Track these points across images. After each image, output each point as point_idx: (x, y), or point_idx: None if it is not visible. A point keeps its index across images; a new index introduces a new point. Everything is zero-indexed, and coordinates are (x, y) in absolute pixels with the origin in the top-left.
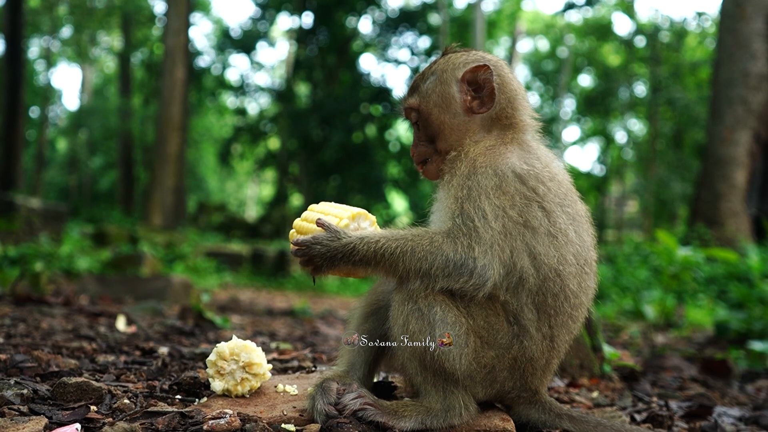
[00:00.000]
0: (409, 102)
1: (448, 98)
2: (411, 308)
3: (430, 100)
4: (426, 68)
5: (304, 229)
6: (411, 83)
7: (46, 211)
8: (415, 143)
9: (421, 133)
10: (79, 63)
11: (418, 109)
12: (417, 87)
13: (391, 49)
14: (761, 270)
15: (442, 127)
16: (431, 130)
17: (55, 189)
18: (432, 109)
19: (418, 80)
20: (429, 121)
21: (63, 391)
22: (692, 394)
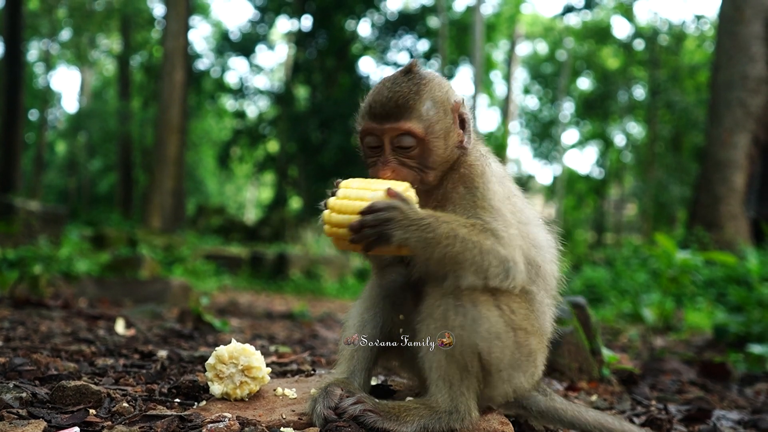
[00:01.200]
0: (409, 126)
1: (449, 131)
2: (452, 303)
3: (437, 132)
4: (409, 86)
5: (346, 208)
6: (397, 100)
7: (45, 214)
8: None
9: (410, 161)
10: (78, 66)
11: (423, 139)
12: (412, 108)
13: (390, 52)
14: (760, 273)
15: (440, 161)
16: (428, 163)
17: (54, 192)
18: (438, 141)
19: (408, 102)
20: (430, 153)
21: (62, 395)
22: (691, 398)
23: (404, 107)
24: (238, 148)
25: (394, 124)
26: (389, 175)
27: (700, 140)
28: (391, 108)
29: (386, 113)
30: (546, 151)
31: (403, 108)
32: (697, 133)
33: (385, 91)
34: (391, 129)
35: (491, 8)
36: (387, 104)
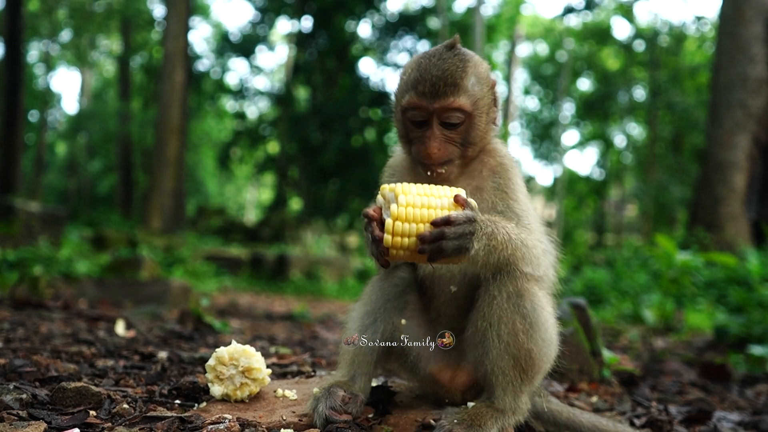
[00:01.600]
0: (459, 102)
1: (490, 106)
2: (516, 307)
3: (480, 106)
4: (455, 62)
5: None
6: (446, 78)
7: (45, 215)
8: (442, 142)
9: (455, 136)
10: (78, 67)
11: (471, 113)
12: (461, 85)
13: (390, 53)
14: (761, 274)
15: (481, 136)
16: (471, 137)
17: (54, 193)
18: (481, 115)
19: (457, 78)
20: (475, 128)
21: (62, 396)
22: (692, 399)
23: (454, 84)
24: (238, 149)
25: (444, 102)
26: (435, 151)
27: (700, 141)
28: (441, 85)
29: (436, 90)
30: (546, 152)
31: (452, 85)
32: (697, 134)
33: (433, 68)
34: (442, 107)
35: (491, 9)
36: (437, 82)
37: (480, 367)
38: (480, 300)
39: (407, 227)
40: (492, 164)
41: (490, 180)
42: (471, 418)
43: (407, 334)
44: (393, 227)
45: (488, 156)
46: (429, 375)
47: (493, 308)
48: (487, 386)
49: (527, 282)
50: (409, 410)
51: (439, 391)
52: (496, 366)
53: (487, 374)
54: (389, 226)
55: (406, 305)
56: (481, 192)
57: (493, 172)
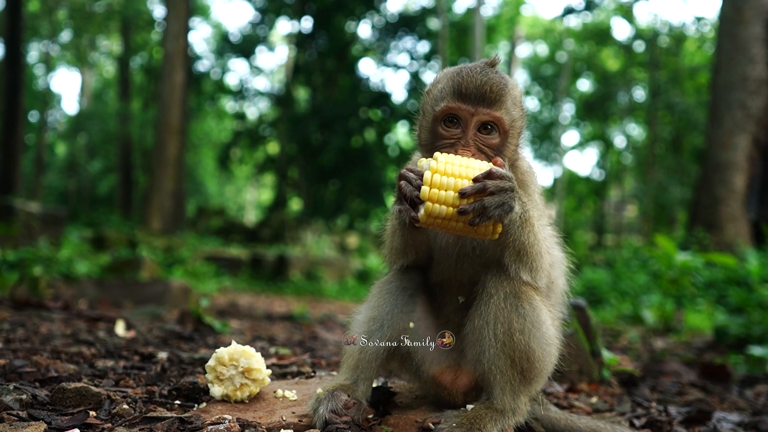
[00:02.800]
0: (499, 115)
1: (521, 128)
2: (513, 306)
3: (515, 127)
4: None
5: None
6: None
7: (45, 216)
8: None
9: (487, 149)
10: (78, 67)
11: (507, 131)
12: (503, 101)
13: (390, 54)
14: (760, 274)
15: (510, 156)
16: (499, 153)
17: (54, 193)
18: (514, 136)
19: (500, 92)
20: (505, 145)
21: (62, 397)
22: (691, 399)
23: (498, 96)
24: (238, 149)
25: (487, 110)
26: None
27: (700, 142)
28: (486, 93)
29: (481, 97)
30: (546, 153)
31: (496, 96)
32: (697, 135)
33: (478, 76)
34: (483, 114)
35: (491, 10)
36: (482, 88)
37: (478, 366)
38: (478, 298)
39: (446, 180)
40: (518, 178)
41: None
42: (470, 420)
43: (414, 337)
44: (432, 179)
45: (513, 172)
46: (431, 377)
47: (490, 306)
48: (486, 386)
49: (525, 285)
50: (408, 411)
51: (440, 393)
52: (493, 365)
53: (485, 373)
54: (428, 177)
55: (414, 308)
56: None
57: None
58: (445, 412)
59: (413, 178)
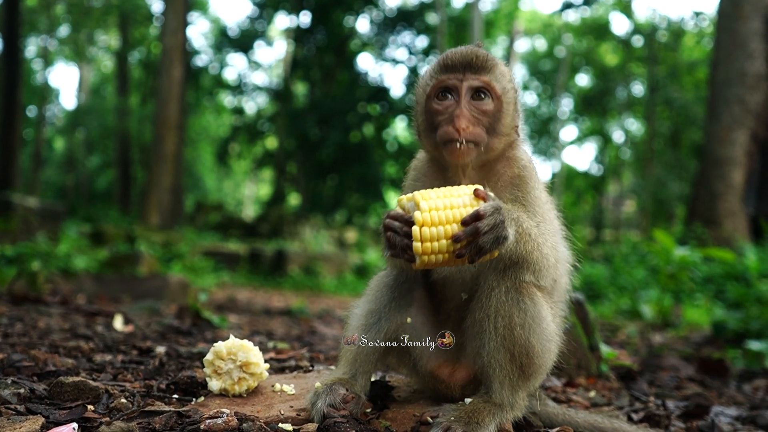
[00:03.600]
0: (489, 79)
1: (515, 104)
2: (515, 301)
3: (508, 98)
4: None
5: (439, 220)
6: (478, 55)
7: (43, 211)
8: (470, 119)
9: (483, 118)
10: (76, 62)
11: (500, 97)
12: (492, 67)
13: (388, 49)
14: (758, 269)
15: (506, 130)
16: (498, 126)
17: (53, 188)
18: (509, 106)
19: (486, 60)
20: (501, 114)
21: (60, 391)
22: (689, 394)
23: (484, 63)
24: (236, 144)
25: (477, 75)
26: (465, 126)
27: (698, 137)
28: (472, 60)
29: (468, 64)
30: (544, 148)
31: (483, 63)
32: (695, 130)
33: (464, 49)
34: (472, 79)
35: (490, 4)
36: (468, 56)
37: (477, 359)
38: (479, 291)
39: (435, 231)
40: (510, 175)
41: (508, 192)
42: (468, 414)
43: (411, 332)
44: (421, 233)
45: (508, 165)
46: (429, 371)
47: (491, 300)
48: (485, 380)
49: (526, 281)
50: (406, 405)
51: (438, 387)
52: (492, 359)
53: (484, 367)
54: (416, 233)
55: (411, 302)
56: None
57: (512, 184)
58: (443, 405)
59: (399, 227)
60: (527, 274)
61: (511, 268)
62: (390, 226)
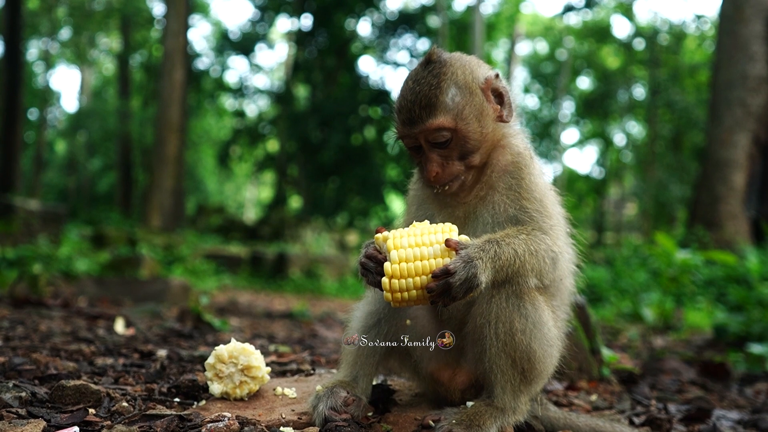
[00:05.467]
0: (437, 123)
1: (481, 110)
2: (515, 306)
3: (467, 116)
4: (429, 80)
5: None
6: (420, 101)
7: (44, 213)
8: (440, 164)
9: (451, 153)
10: (78, 65)
11: (455, 128)
12: (438, 105)
13: (390, 52)
14: (760, 272)
15: (480, 142)
16: (468, 148)
17: (54, 191)
18: (471, 124)
19: (433, 96)
20: (467, 139)
21: (61, 394)
22: (691, 397)
23: (428, 106)
24: (237, 147)
25: (423, 126)
26: (434, 175)
27: (700, 140)
28: (416, 110)
29: (413, 117)
30: (546, 151)
31: (427, 107)
32: (697, 133)
33: (408, 94)
34: (422, 131)
35: (491, 7)
36: (412, 108)
37: (479, 364)
38: (480, 297)
39: (404, 282)
40: (504, 163)
41: (502, 180)
42: (470, 418)
43: (411, 334)
44: (390, 284)
45: (500, 154)
46: (429, 374)
47: (491, 306)
48: (487, 385)
49: (529, 286)
50: (408, 409)
51: (439, 390)
52: (494, 364)
53: (486, 372)
54: (386, 284)
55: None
56: (493, 193)
57: (507, 172)
58: (444, 409)
59: (372, 268)
60: (529, 280)
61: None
62: (365, 266)
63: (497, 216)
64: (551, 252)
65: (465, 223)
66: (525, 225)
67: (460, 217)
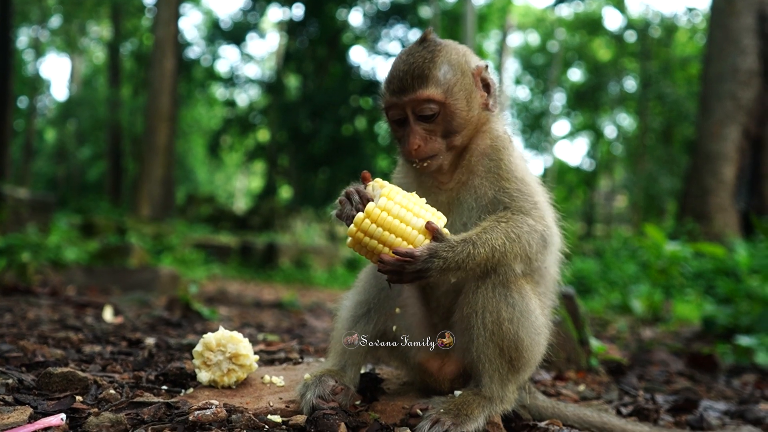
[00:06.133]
0: (428, 93)
1: (470, 92)
2: (502, 296)
3: (456, 93)
4: (423, 54)
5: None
6: (413, 71)
7: (33, 202)
8: (423, 137)
9: (436, 127)
10: (68, 53)
11: (444, 102)
12: (429, 76)
13: (381, 42)
14: (749, 265)
15: (465, 122)
16: (453, 126)
17: (43, 179)
18: (459, 102)
19: (425, 68)
20: (454, 116)
21: (48, 381)
22: (678, 388)
23: (421, 77)
24: (228, 136)
25: (413, 95)
26: (416, 147)
27: (690, 132)
28: (408, 80)
29: (404, 86)
30: (536, 142)
31: (419, 77)
32: (687, 126)
33: (401, 65)
34: (411, 100)
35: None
36: (404, 77)
37: (467, 354)
38: (467, 286)
39: (375, 230)
40: (483, 147)
41: (481, 163)
42: (458, 407)
43: (400, 323)
44: (362, 224)
45: (481, 138)
46: (418, 363)
47: (478, 295)
48: (475, 374)
49: (514, 274)
50: (396, 397)
51: (427, 380)
52: (482, 354)
53: (473, 362)
54: (359, 219)
55: (400, 293)
56: (474, 177)
57: (485, 155)
58: (432, 398)
59: (354, 201)
60: (515, 267)
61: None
62: (349, 195)
63: (480, 200)
64: (535, 232)
65: (449, 209)
66: (506, 207)
67: (444, 203)
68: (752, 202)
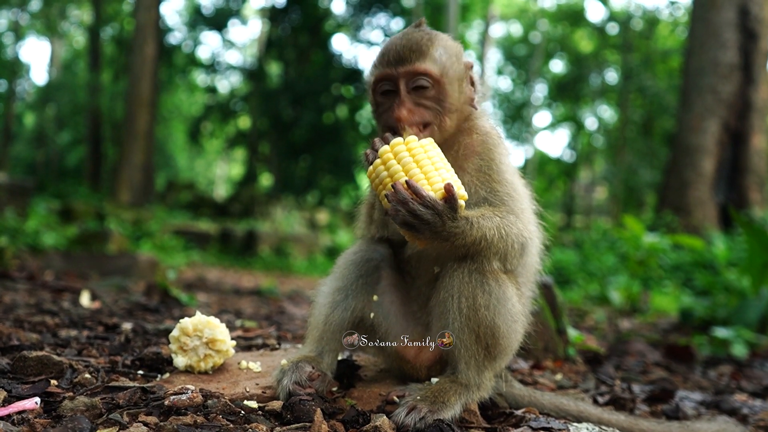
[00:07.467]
0: (425, 67)
1: (461, 81)
2: (478, 282)
3: (450, 75)
4: (421, 34)
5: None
6: (411, 45)
7: (11, 186)
8: (411, 109)
9: (426, 103)
10: (48, 37)
11: (439, 80)
12: (426, 52)
13: (363, 30)
14: (726, 258)
15: (454, 107)
16: (444, 105)
17: (22, 164)
18: (451, 86)
19: (420, 47)
20: (445, 95)
21: (23, 365)
22: (655, 378)
23: (419, 51)
24: (209, 123)
25: (410, 67)
26: (405, 113)
27: (670, 125)
28: (406, 52)
29: (402, 57)
30: (517, 133)
31: (417, 51)
32: (668, 118)
33: (399, 40)
34: (407, 72)
35: None
36: (402, 49)
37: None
38: (443, 271)
39: (394, 165)
40: (473, 143)
41: (472, 161)
42: (434, 394)
43: (378, 310)
44: (385, 156)
45: (469, 134)
46: (395, 351)
47: (454, 280)
48: (451, 360)
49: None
50: (373, 384)
51: (404, 367)
52: (458, 339)
53: (450, 348)
54: (384, 151)
55: (379, 280)
56: (462, 174)
57: (475, 152)
58: (409, 385)
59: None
60: (493, 263)
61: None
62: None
63: (469, 198)
64: (521, 237)
65: None
66: (497, 207)
67: None
68: (731, 195)
